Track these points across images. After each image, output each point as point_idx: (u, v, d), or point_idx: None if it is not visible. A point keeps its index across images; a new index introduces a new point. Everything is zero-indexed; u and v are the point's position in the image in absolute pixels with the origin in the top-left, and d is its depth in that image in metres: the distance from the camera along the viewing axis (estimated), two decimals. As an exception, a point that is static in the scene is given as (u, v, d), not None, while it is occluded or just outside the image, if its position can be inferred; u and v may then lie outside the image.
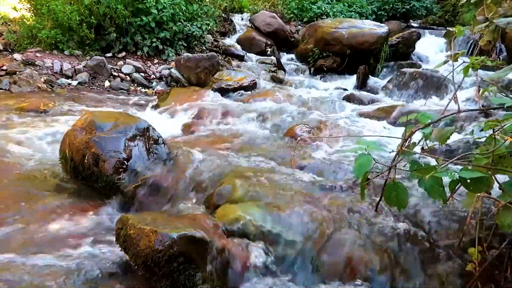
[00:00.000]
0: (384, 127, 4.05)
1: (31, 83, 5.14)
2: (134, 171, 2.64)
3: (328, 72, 6.84)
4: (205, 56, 5.83)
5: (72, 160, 2.70)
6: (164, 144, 2.89)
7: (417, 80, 5.36)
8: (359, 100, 5.13)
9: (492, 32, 1.86)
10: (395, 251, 1.90)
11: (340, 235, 1.99)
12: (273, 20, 8.41)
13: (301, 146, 3.25)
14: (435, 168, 1.42)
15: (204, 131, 3.82)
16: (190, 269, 1.77)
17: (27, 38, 6.03)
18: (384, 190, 1.59)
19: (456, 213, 2.04)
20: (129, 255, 1.84)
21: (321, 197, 2.29)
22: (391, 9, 10.78)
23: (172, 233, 1.76)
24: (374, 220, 2.06)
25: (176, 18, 6.46)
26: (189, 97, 4.96)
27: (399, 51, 7.12)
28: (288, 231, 2.01)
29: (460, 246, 1.82)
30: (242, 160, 2.87)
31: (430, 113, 1.72)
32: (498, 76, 1.72)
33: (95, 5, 6.02)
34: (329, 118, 4.13)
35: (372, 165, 1.52)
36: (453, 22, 10.04)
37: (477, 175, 1.37)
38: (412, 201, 2.12)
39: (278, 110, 4.41)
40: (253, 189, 2.34)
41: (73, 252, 2.01)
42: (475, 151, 1.64)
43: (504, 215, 1.41)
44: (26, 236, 2.14)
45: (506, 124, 1.52)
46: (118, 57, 6.26)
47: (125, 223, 1.88)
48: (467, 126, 3.69)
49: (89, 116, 2.85)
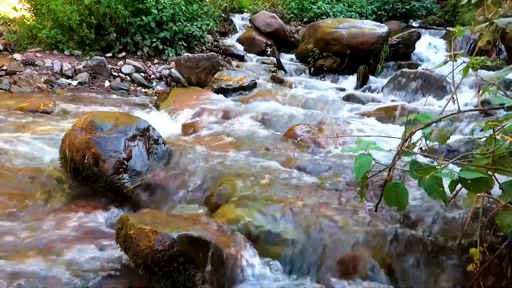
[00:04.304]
0: (384, 127, 4.04)
1: (31, 83, 5.14)
2: (134, 171, 2.64)
3: (328, 72, 6.83)
4: (205, 56, 5.83)
5: (72, 160, 2.70)
6: (164, 144, 2.89)
7: (417, 80, 5.35)
8: (359, 100, 5.13)
9: (492, 32, 1.86)
10: (395, 251, 1.90)
11: (340, 235, 1.99)
12: (273, 20, 8.41)
13: (301, 146, 3.25)
14: (435, 168, 1.42)
15: (204, 131, 3.82)
16: (190, 269, 1.77)
17: (27, 38, 6.03)
18: (384, 190, 1.59)
19: (456, 213, 2.04)
20: (129, 255, 1.83)
21: (321, 197, 2.29)
22: (391, 9, 10.78)
23: (172, 233, 1.76)
24: (374, 220, 2.06)
25: (176, 18, 6.47)
26: (189, 97, 4.96)
27: (399, 51, 7.11)
28: (288, 231, 2.01)
29: (460, 246, 1.82)
30: (242, 160, 2.87)
31: (430, 113, 1.72)
32: (498, 76, 1.72)
33: (95, 5, 6.02)
34: (329, 118, 4.13)
35: (372, 165, 1.52)
36: (453, 22, 10.03)
37: (477, 175, 1.37)
38: (412, 201, 2.12)
39: (278, 110, 4.41)
40: (253, 189, 2.34)
41: (73, 252, 2.00)
42: (475, 151, 1.64)
43: (504, 215, 1.41)
44: (26, 236, 2.14)
45: (506, 124, 1.52)
46: (118, 57, 6.26)
47: (125, 223, 1.88)
48: (467, 126, 3.69)
49: (89, 116, 2.85)
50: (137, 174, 2.64)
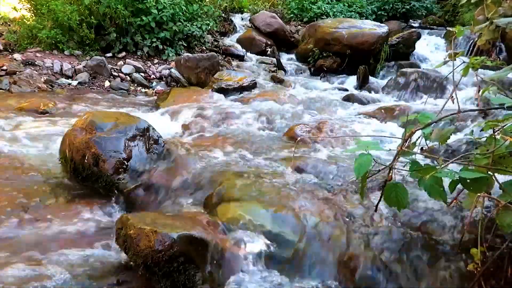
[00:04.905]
0: (384, 127, 4.04)
1: (31, 83, 5.14)
2: (134, 171, 2.64)
3: (328, 72, 6.84)
4: (205, 56, 5.83)
5: (72, 160, 2.70)
6: (164, 144, 2.89)
7: (417, 80, 5.35)
8: (359, 100, 5.12)
9: (491, 32, 1.86)
10: (395, 251, 1.90)
11: (340, 235, 1.99)
12: (273, 20, 8.41)
13: (301, 146, 3.25)
14: (435, 168, 1.42)
15: (204, 131, 3.82)
16: (190, 269, 1.77)
17: (27, 38, 6.03)
18: (384, 190, 1.59)
19: (456, 213, 2.04)
20: (129, 255, 1.83)
21: (321, 197, 2.29)
22: (391, 9, 10.78)
23: (172, 233, 1.76)
24: (373, 220, 2.06)
25: (176, 18, 6.47)
26: (189, 97, 4.96)
27: (399, 51, 7.11)
28: (288, 231, 2.01)
29: (461, 246, 1.82)
30: (242, 160, 2.87)
31: (430, 113, 1.72)
32: (498, 76, 1.72)
33: (95, 5, 6.02)
34: (329, 118, 4.13)
35: (372, 165, 1.52)
36: (453, 22, 10.03)
37: (477, 175, 1.37)
38: (412, 201, 2.12)
39: (278, 110, 4.41)
40: (252, 189, 2.34)
41: (72, 252, 2.01)
42: (475, 151, 1.64)
43: (504, 215, 1.41)
44: (25, 236, 2.14)
45: (506, 124, 1.52)
46: (118, 57, 6.26)
47: (125, 223, 1.88)
48: (467, 126, 3.69)
49: (89, 116, 2.85)
50: (137, 174, 2.64)
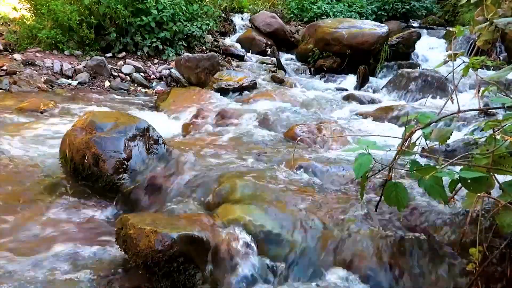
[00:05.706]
0: (384, 127, 4.04)
1: (31, 83, 5.14)
2: (134, 171, 2.64)
3: (328, 72, 6.84)
4: (205, 56, 5.83)
5: (72, 160, 2.70)
6: (164, 144, 2.89)
7: (417, 80, 5.36)
8: (359, 100, 5.13)
9: (491, 32, 1.86)
10: (395, 251, 1.90)
11: (340, 235, 1.99)
12: (273, 20, 8.42)
13: (301, 146, 3.25)
14: (435, 168, 1.42)
15: (204, 131, 3.82)
16: (190, 269, 1.77)
17: (27, 38, 6.03)
18: (384, 190, 1.59)
19: (456, 213, 2.04)
20: (129, 255, 1.83)
21: (321, 197, 2.29)
22: (391, 9, 10.79)
23: (172, 233, 1.76)
24: (373, 220, 2.06)
25: (176, 18, 6.47)
26: (189, 97, 4.96)
27: (399, 51, 7.11)
28: (288, 231, 2.01)
29: (460, 246, 1.82)
30: (242, 160, 2.87)
31: (430, 113, 1.72)
32: (498, 76, 1.72)
33: (95, 5, 6.02)
34: (329, 118, 4.14)
35: (372, 165, 1.52)
36: (453, 22, 10.04)
37: (477, 175, 1.37)
38: (412, 201, 2.12)
39: (278, 110, 4.41)
40: (253, 189, 2.33)
41: (72, 252, 2.01)
42: (475, 151, 1.64)
43: (504, 215, 1.41)
44: (26, 237, 2.14)
45: (506, 124, 1.52)
46: (118, 57, 6.26)
47: (125, 223, 1.88)
48: (467, 126, 3.69)
49: (89, 116, 2.85)
50: (137, 174, 2.64)
